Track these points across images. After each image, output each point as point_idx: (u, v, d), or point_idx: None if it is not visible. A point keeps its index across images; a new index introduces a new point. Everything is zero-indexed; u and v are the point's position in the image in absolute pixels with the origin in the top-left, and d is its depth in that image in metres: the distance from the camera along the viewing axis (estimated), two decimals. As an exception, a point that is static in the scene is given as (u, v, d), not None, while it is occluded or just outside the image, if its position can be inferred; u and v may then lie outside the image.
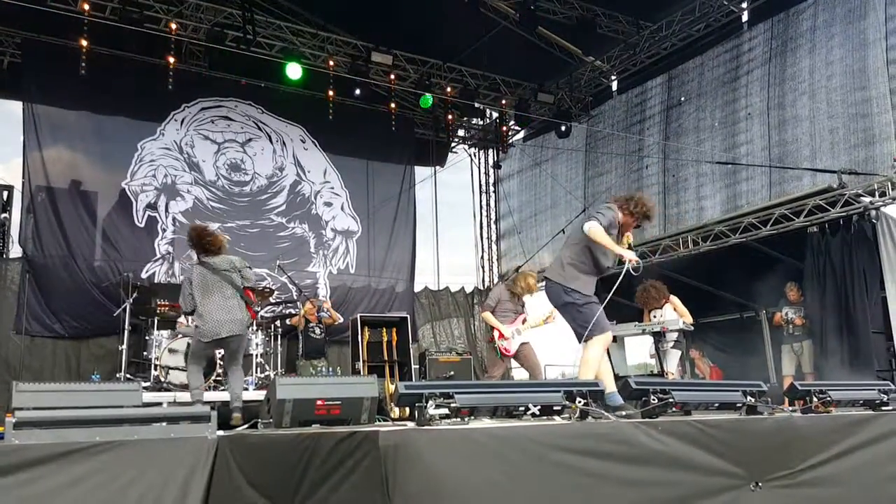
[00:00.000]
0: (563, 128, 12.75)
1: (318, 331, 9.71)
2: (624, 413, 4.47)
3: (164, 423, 3.26)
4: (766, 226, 9.76)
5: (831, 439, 4.39)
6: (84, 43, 9.75)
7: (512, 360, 7.84)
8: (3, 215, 9.59)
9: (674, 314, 8.05)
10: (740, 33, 10.89)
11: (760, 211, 9.88)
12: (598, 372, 5.24)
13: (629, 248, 5.36)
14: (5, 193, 10.02)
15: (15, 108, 10.51)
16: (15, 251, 10.10)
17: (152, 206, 11.08)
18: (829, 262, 8.95)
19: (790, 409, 5.16)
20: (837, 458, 4.33)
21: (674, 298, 8.21)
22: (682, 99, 11.63)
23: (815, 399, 4.83)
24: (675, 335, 8.01)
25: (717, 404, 4.63)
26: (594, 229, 5.09)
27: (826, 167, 9.26)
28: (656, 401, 4.25)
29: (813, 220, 9.24)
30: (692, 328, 8.09)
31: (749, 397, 4.60)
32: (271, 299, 9.78)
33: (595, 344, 5.25)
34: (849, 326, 8.48)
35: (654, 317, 8.21)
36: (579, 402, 4.01)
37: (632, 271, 5.27)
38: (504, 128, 14.26)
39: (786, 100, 10.03)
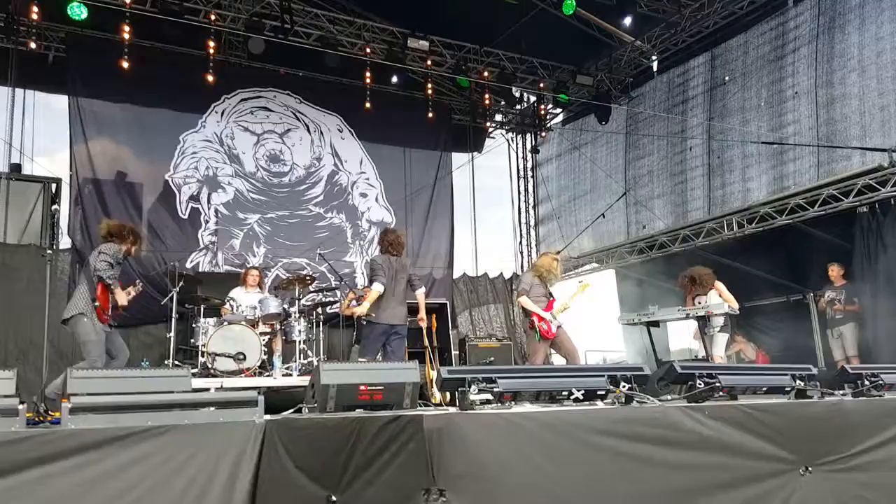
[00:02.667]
0: (602, 113, 12.61)
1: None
2: None
3: (212, 408, 3.31)
4: (814, 207, 9.56)
5: (883, 423, 4.30)
6: (126, 36, 9.91)
7: (551, 346, 7.79)
8: (53, 207, 9.81)
9: (718, 299, 7.92)
10: (785, 10, 10.59)
11: (808, 191, 9.68)
12: None
13: None
14: (54, 186, 10.25)
15: (61, 102, 10.72)
16: (64, 242, 10.35)
17: (195, 198, 11.26)
18: (879, 243, 8.74)
19: (840, 392, 5.05)
20: (891, 442, 4.24)
21: (719, 284, 8.08)
22: (727, 78, 11.37)
23: (866, 382, 4.72)
24: (720, 319, 7.89)
25: (765, 388, 4.57)
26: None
27: (876, 146, 9.00)
28: (702, 385, 4.20)
29: (863, 199, 9.01)
30: (737, 313, 7.96)
31: (798, 381, 4.51)
32: (311, 287, 9.88)
33: None
34: (900, 308, 8.28)
35: (698, 303, 8.10)
36: (623, 386, 3.99)
37: None
38: (542, 111, 14.15)
39: (834, 77, 9.75)
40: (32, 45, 10.24)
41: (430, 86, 12.43)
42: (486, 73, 12.43)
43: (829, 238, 9.74)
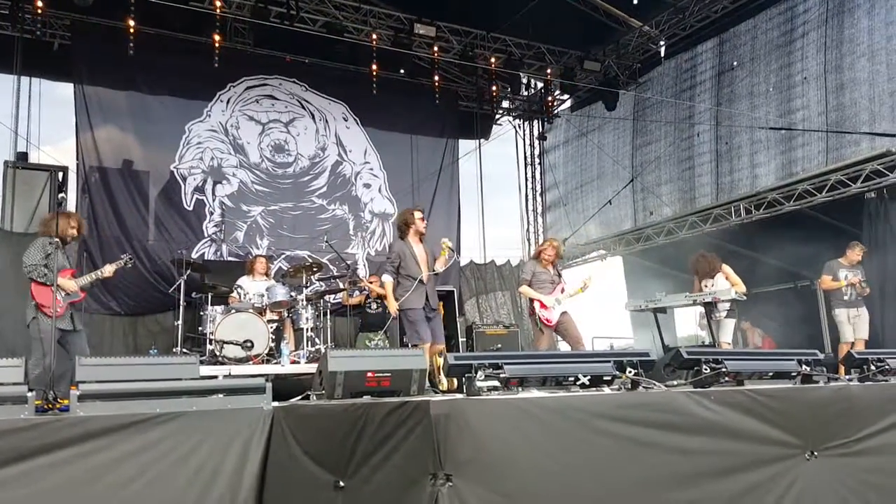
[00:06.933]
0: (610, 100, 12.55)
1: (374, 306, 9.92)
2: None
3: (221, 395, 3.33)
4: (822, 192, 9.52)
5: (889, 408, 4.30)
6: (131, 23, 9.86)
7: (557, 333, 7.80)
8: (61, 195, 9.80)
9: (725, 283, 7.91)
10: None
11: (816, 177, 9.64)
12: None
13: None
14: (60, 174, 10.25)
15: (66, 90, 10.66)
16: (72, 231, 10.34)
17: (199, 189, 11.15)
18: (887, 229, 8.72)
19: (847, 377, 5.06)
20: (897, 427, 4.24)
21: (726, 267, 8.07)
22: (735, 63, 11.30)
23: (872, 367, 4.72)
24: (727, 305, 7.88)
25: (771, 373, 4.57)
26: None
27: (885, 131, 8.96)
28: (708, 370, 4.21)
29: (871, 185, 8.98)
30: (745, 298, 7.93)
31: (804, 366, 4.52)
32: (313, 277, 9.92)
33: None
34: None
35: (706, 286, 8.09)
36: (630, 372, 4.00)
37: None
38: (549, 98, 14.08)
39: (843, 62, 9.68)
40: (37, 33, 10.18)
41: (436, 72, 12.35)
42: (492, 59, 12.37)
43: (836, 224, 9.71)
